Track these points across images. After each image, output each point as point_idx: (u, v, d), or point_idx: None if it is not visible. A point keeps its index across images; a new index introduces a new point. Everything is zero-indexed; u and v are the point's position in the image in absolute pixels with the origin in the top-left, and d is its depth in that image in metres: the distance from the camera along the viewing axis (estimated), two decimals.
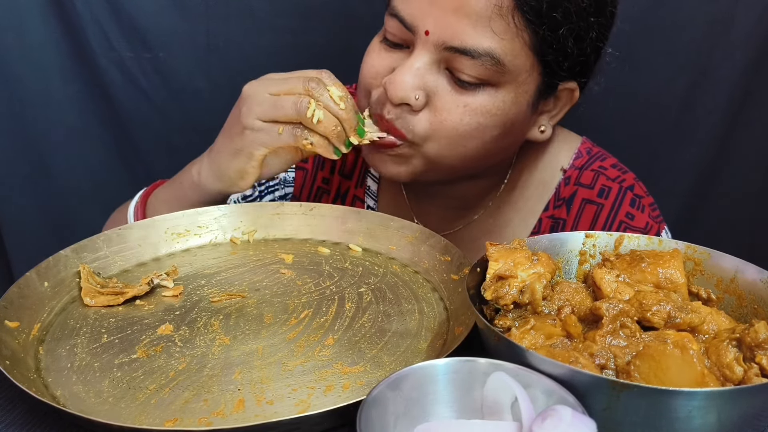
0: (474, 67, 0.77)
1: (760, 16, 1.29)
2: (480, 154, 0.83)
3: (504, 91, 0.79)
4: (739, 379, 0.54)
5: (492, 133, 0.81)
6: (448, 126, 0.80)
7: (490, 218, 0.97)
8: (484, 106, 0.79)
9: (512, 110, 0.81)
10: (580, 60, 0.81)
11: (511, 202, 0.97)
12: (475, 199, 0.97)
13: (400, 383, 0.51)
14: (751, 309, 0.64)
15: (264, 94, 0.79)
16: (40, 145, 1.42)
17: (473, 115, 0.79)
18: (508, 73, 0.78)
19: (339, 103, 0.78)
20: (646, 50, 1.32)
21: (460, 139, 0.81)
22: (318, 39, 1.38)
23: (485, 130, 0.81)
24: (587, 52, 0.81)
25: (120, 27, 1.35)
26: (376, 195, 1.04)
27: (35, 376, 0.61)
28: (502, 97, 0.79)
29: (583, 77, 0.85)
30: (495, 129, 0.81)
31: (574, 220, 0.93)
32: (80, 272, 0.74)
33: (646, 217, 0.91)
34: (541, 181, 0.96)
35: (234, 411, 0.57)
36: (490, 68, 0.77)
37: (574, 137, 0.99)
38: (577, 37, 0.79)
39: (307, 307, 0.72)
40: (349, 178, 1.05)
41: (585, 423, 0.46)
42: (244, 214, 0.87)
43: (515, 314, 0.63)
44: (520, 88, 0.80)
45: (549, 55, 0.79)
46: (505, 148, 0.87)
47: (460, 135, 0.80)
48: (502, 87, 0.79)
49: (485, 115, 0.80)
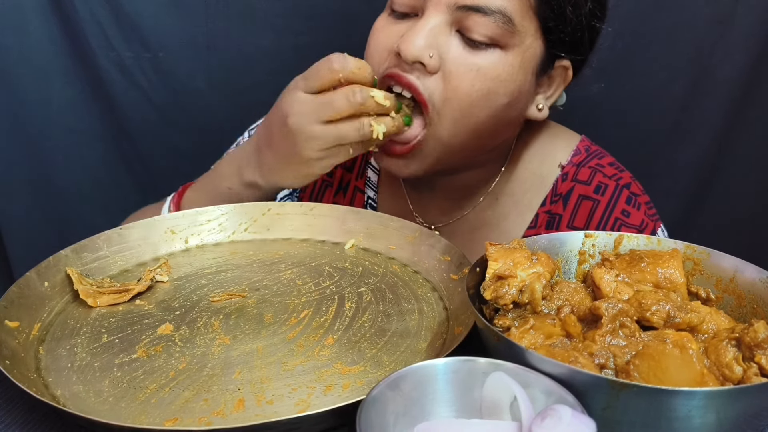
0: (486, 25, 0.78)
1: (760, 16, 1.29)
2: (489, 126, 0.84)
3: (512, 55, 0.81)
4: (739, 379, 0.54)
5: (501, 101, 0.82)
6: (461, 92, 0.80)
7: (488, 210, 0.98)
8: (494, 68, 0.80)
9: (519, 77, 0.82)
10: (576, 31, 0.83)
11: (508, 195, 0.97)
12: (474, 190, 0.98)
13: (399, 383, 0.51)
14: (751, 309, 0.65)
15: (316, 127, 0.79)
16: (40, 146, 1.42)
17: (484, 80, 0.80)
18: (516, 34, 0.80)
19: (385, 103, 0.79)
20: (646, 50, 1.32)
21: (472, 107, 0.81)
22: (318, 39, 1.39)
23: (495, 97, 0.82)
24: (583, 23, 0.83)
25: (120, 27, 1.35)
26: (377, 186, 1.04)
27: (35, 376, 0.61)
28: (510, 60, 0.81)
29: (577, 53, 0.86)
30: (504, 97, 0.82)
31: (570, 215, 0.94)
32: (70, 276, 0.74)
33: (641, 214, 0.92)
34: (539, 176, 0.97)
35: (234, 410, 0.57)
36: (501, 26, 0.78)
37: (573, 135, 0.99)
38: (575, 7, 0.81)
39: (307, 307, 0.72)
40: (350, 170, 1.06)
41: (584, 422, 0.46)
42: (244, 214, 0.87)
43: (515, 314, 0.63)
44: (526, 53, 0.82)
45: (550, 21, 0.81)
46: (510, 123, 0.88)
47: (471, 103, 0.81)
48: (510, 50, 0.81)
49: (495, 80, 0.81)
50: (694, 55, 1.33)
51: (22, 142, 1.41)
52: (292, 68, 1.48)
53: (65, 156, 1.44)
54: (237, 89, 1.42)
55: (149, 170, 1.49)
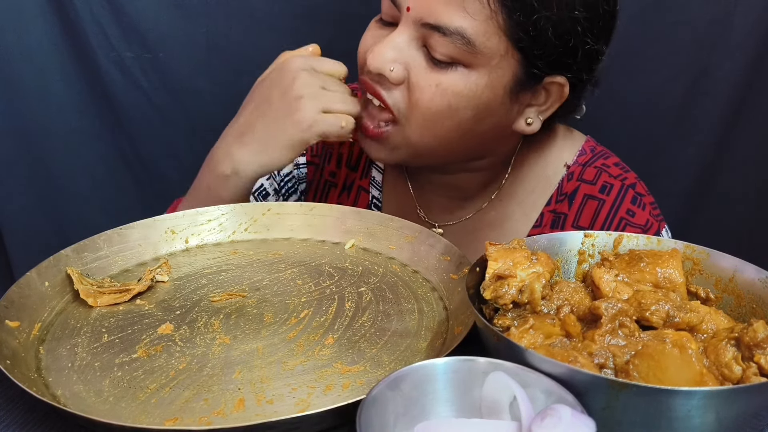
0: (445, 45, 0.79)
1: (760, 16, 1.29)
2: (457, 136, 0.85)
3: (477, 74, 0.81)
4: (738, 379, 0.54)
5: (464, 115, 0.83)
6: (422, 105, 0.82)
7: (493, 210, 0.98)
8: (455, 86, 0.81)
9: (485, 94, 0.82)
10: (562, 53, 0.81)
11: (513, 195, 0.98)
12: (478, 191, 0.98)
13: (399, 382, 0.51)
14: (750, 308, 0.65)
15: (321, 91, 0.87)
16: (40, 145, 1.42)
17: (444, 95, 0.81)
18: (480, 54, 0.79)
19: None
20: (646, 50, 1.32)
21: (434, 119, 0.83)
22: (318, 39, 1.38)
23: (457, 111, 0.82)
24: (571, 46, 0.80)
25: (120, 27, 1.35)
26: (381, 185, 1.05)
27: (36, 376, 0.61)
28: (474, 79, 0.81)
29: (570, 73, 0.83)
30: (467, 111, 0.82)
31: (576, 215, 0.94)
32: (70, 276, 0.74)
33: (646, 214, 0.92)
34: (544, 176, 0.97)
35: (234, 410, 0.57)
36: (460, 47, 0.78)
37: (579, 135, 1.00)
38: (557, 28, 0.78)
39: (307, 307, 0.72)
40: (355, 170, 1.06)
41: (584, 422, 0.46)
42: (244, 214, 0.87)
43: (514, 314, 0.63)
44: (494, 73, 0.81)
45: (524, 42, 0.79)
46: (484, 135, 0.87)
47: (433, 114, 0.82)
48: (475, 69, 0.80)
49: (456, 96, 0.81)
50: (694, 55, 1.33)
51: (22, 141, 1.41)
52: None
53: (65, 156, 1.44)
54: (237, 89, 1.42)
55: (149, 170, 1.49)
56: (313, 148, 1.07)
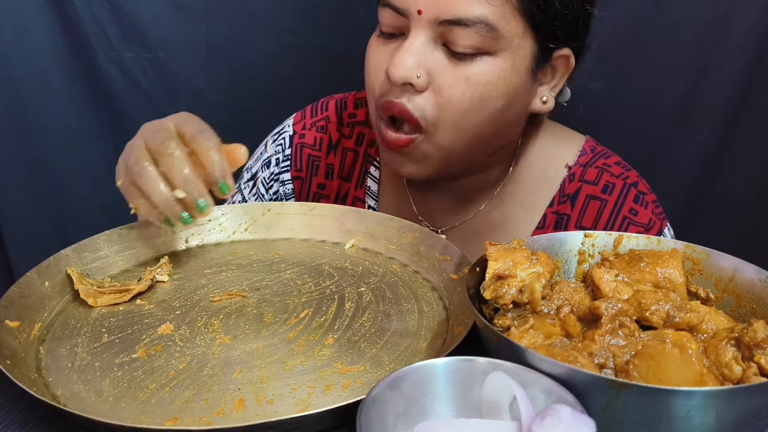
0: (469, 36, 0.78)
1: (760, 16, 1.29)
2: (489, 129, 0.84)
3: (501, 59, 0.80)
4: (738, 379, 0.54)
5: (496, 104, 0.82)
6: (455, 103, 0.80)
7: (495, 212, 0.98)
8: (484, 75, 0.80)
9: (513, 78, 0.82)
10: (569, 22, 0.82)
11: (514, 196, 0.97)
12: (479, 192, 0.98)
13: (399, 382, 0.51)
14: (750, 308, 0.65)
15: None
16: (40, 145, 1.42)
17: (475, 87, 0.80)
18: (502, 38, 0.79)
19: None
20: (646, 50, 1.32)
21: (467, 115, 0.81)
22: (318, 40, 1.39)
23: (489, 101, 0.81)
24: (575, 13, 0.82)
25: (120, 27, 1.35)
26: (377, 195, 1.04)
27: (36, 376, 0.61)
28: (500, 65, 0.80)
29: (575, 41, 0.86)
30: (499, 99, 0.82)
31: (578, 215, 0.94)
32: (70, 276, 0.74)
33: (649, 213, 0.92)
34: (545, 177, 0.97)
35: (234, 410, 0.57)
36: (484, 35, 0.78)
37: (578, 136, 1.00)
38: None
39: (307, 307, 0.72)
40: (348, 180, 1.05)
41: (584, 422, 0.46)
42: (244, 214, 0.88)
43: (514, 314, 0.63)
44: (516, 54, 0.81)
45: (538, 17, 0.80)
46: (512, 122, 0.88)
47: (466, 111, 0.81)
48: (499, 54, 0.80)
49: (487, 86, 0.80)
50: (694, 55, 1.33)
51: (22, 141, 1.41)
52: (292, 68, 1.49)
53: (65, 156, 1.44)
54: (237, 89, 1.42)
55: None
56: (297, 163, 1.05)
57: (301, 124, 1.06)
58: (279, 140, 1.06)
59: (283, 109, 1.41)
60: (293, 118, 1.08)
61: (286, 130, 1.07)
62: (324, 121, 1.05)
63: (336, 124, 1.05)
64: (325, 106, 1.06)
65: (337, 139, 1.05)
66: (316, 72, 1.40)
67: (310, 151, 1.05)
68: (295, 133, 1.06)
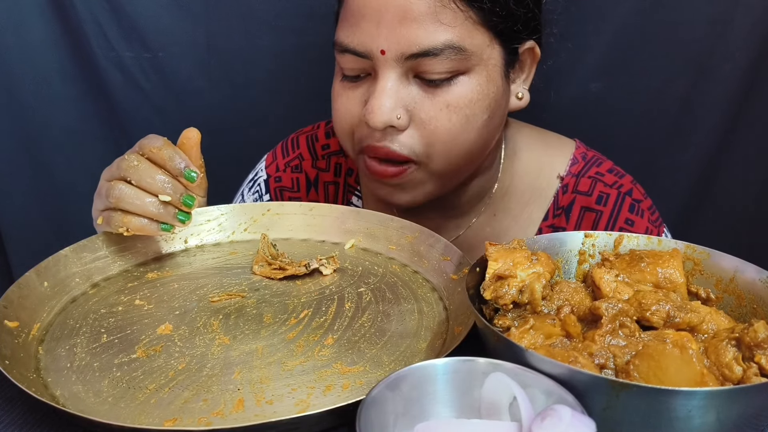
0: (440, 64, 0.78)
1: (760, 16, 1.29)
2: (479, 143, 0.84)
3: (476, 74, 0.80)
4: (739, 379, 0.54)
5: (482, 118, 0.82)
6: (441, 132, 0.80)
7: (487, 227, 0.97)
8: (465, 96, 0.80)
9: (491, 89, 0.82)
10: (528, 18, 0.82)
11: (507, 210, 0.97)
12: (468, 205, 0.97)
13: (399, 383, 0.51)
14: (751, 308, 0.64)
15: None
16: (40, 145, 1.42)
17: (458, 110, 0.80)
18: (472, 55, 0.79)
19: None
20: (646, 50, 1.32)
21: (456, 139, 0.81)
22: (318, 40, 1.38)
23: (474, 118, 0.81)
24: (531, 8, 0.82)
25: (120, 27, 1.35)
26: None
27: (35, 376, 0.61)
28: (476, 80, 0.80)
29: (536, 33, 0.86)
30: (483, 114, 0.82)
31: (574, 228, 0.93)
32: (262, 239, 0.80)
33: (645, 221, 0.92)
34: (537, 188, 0.96)
35: (233, 411, 0.57)
36: (455, 58, 0.78)
37: (567, 142, 0.99)
38: None
39: (307, 307, 0.72)
40: (334, 201, 1.05)
41: (584, 423, 0.46)
42: (244, 214, 0.87)
43: (514, 314, 0.63)
44: (488, 64, 0.81)
45: (500, 24, 0.80)
46: (496, 128, 0.88)
47: (454, 136, 0.81)
48: (473, 71, 0.80)
49: (469, 105, 0.80)
50: (694, 55, 1.32)
51: (22, 142, 1.40)
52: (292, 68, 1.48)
53: (65, 156, 1.44)
54: (237, 89, 1.42)
55: None
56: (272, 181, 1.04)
57: (273, 166, 1.05)
58: (255, 187, 1.05)
59: (283, 110, 1.41)
60: (264, 160, 1.06)
61: (260, 174, 1.05)
62: (297, 159, 1.04)
63: (310, 160, 1.04)
64: (296, 144, 1.05)
65: (314, 176, 1.04)
66: (316, 72, 1.40)
67: (290, 194, 1.04)
68: (269, 176, 1.04)
